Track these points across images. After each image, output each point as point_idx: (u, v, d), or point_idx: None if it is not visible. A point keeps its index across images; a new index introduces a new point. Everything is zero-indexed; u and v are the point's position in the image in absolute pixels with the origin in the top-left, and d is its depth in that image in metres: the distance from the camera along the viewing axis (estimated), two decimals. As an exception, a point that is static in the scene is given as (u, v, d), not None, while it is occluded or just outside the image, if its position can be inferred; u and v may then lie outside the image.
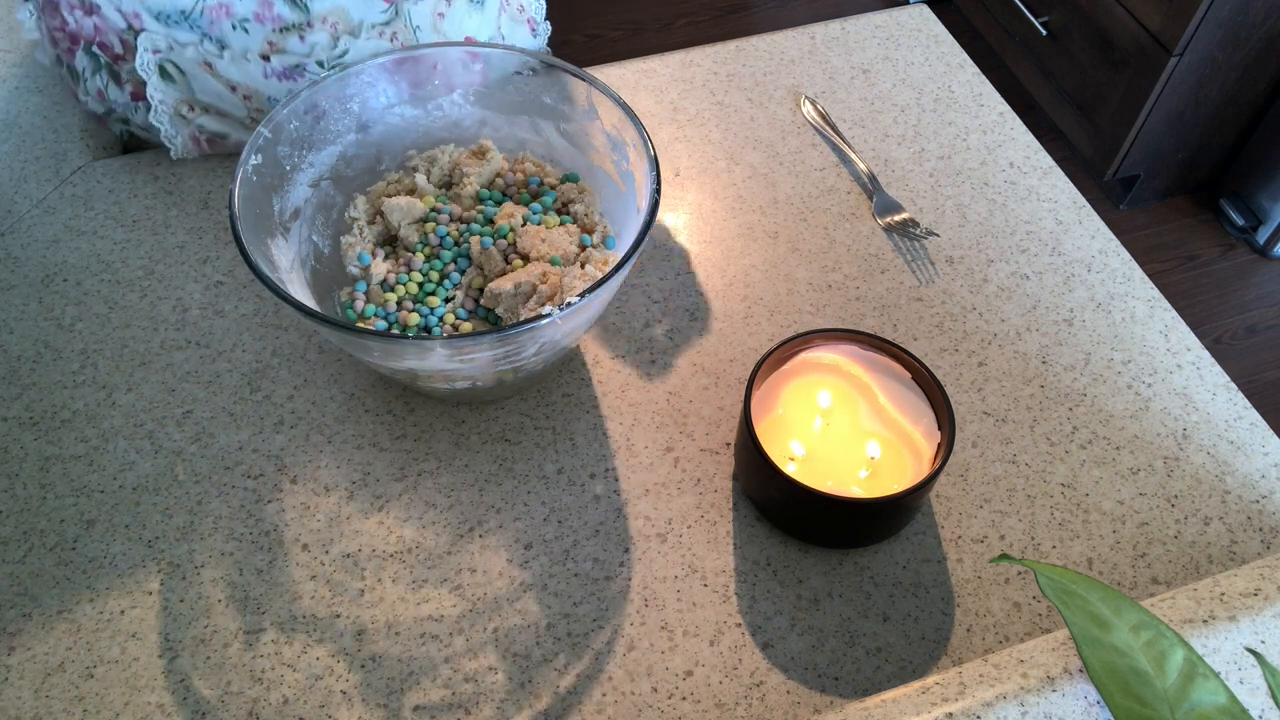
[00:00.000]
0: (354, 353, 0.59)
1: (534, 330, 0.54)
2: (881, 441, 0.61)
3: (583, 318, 0.58)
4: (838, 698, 0.56)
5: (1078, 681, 0.47)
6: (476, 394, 0.65)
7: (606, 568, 0.60)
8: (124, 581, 0.60)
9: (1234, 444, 0.66)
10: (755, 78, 0.90)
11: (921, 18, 0.95)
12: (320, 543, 0.61)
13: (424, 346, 0.55)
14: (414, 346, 0.55)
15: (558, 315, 0.54)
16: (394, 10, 0.75)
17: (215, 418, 0.67)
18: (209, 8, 0.71)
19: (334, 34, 0.74)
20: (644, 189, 0.61)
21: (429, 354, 0.55)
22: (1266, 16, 1.60)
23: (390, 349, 0.56)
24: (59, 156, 0.82)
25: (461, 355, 0.56)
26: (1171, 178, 1.90)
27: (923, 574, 0.60)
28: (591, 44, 2.26)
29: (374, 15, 0.74)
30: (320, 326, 0.54)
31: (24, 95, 0.86)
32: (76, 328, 0.71)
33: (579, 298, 0.54)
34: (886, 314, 0.73)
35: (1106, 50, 1.75)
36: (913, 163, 0.83)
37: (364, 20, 0.74)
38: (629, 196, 0.65)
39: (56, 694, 0.56)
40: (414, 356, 0.56)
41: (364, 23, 0.75)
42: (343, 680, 0.56)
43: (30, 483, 0.64)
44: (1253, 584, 0.51)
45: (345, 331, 0.54)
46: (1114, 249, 0.77)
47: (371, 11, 0.74)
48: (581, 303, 0.54)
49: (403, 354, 0.56)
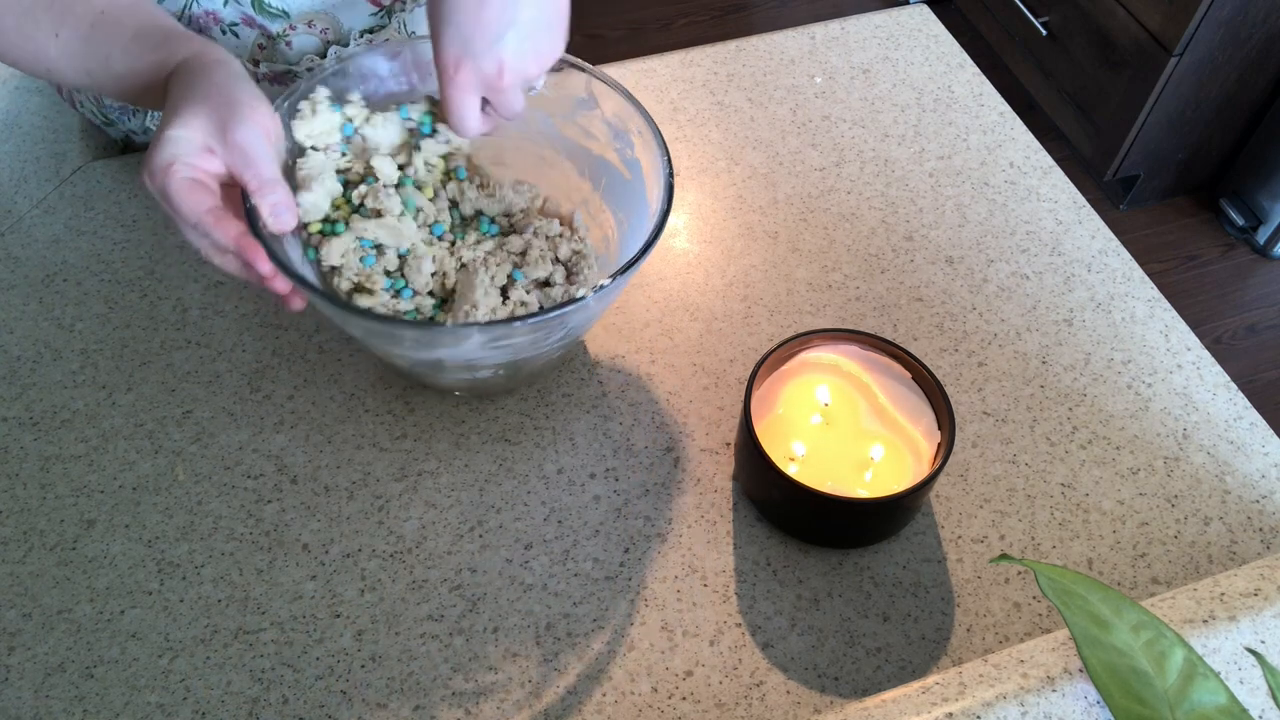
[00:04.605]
0: (380, 344, 0.58)
1: (564, 315, 0.54)
2: (882, 441, 0.61)
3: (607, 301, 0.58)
4: (838, 698, 0.56)
5: (1078, 681, 0.47)
6: (489, 385, 0.65)
7: (606, 568, 0.60)
8: (124, 581, 0.60)
9: (1234, 444, 0.66)
10: (755, 78, 0.90)
11: (921, 18, 0.95)
12: (320, 543, 0.61)
13: (460, 334, 0.54)
14: (450, 334, 0.55)
15: (592, 298, 0.54)
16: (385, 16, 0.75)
17: (215, 418, 0.67)
18: (196, 15, 0.70)
19: (323, 39, 0.74)
20: (652, 172, 0.62)
21: (465, 341, 0.55)
22: (1266, 16, 1.60)
23: (424, 338, 0.55)
24: (59, 156, 0.82)
25: (497, 342, 0.56)
26: (1171, 178, 1.90)
27: (923, 574, 0.60)
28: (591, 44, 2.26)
29: (362, 20, 0.74)
30: (352, 317, 0.54)
31: (24, 95, 0.86)
32: (76, 328, 0.71)
33: (610, 279, 0.54)
34: (886, 314, 0.73)
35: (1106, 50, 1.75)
36: (913, 163, 0.83)
37: (352, 27, 0.74)
38: (635, 184, 0.65)
39: (56, 694, 0.56)
40: (449, 344, 0.55)
41: (352, 29, 0.74)
42: (343, 680, 0.56)
43: (30, 483, 0.64)
44: (1253, 584, 0.51)
45: (380, 322, 0.53)
46: (1114, 249, 0.77)
47: (359, 17, 0.74)
48: (613, 285, 0.54)
49: (437, 343, 0.56)
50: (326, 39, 0.74)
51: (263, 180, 0.53)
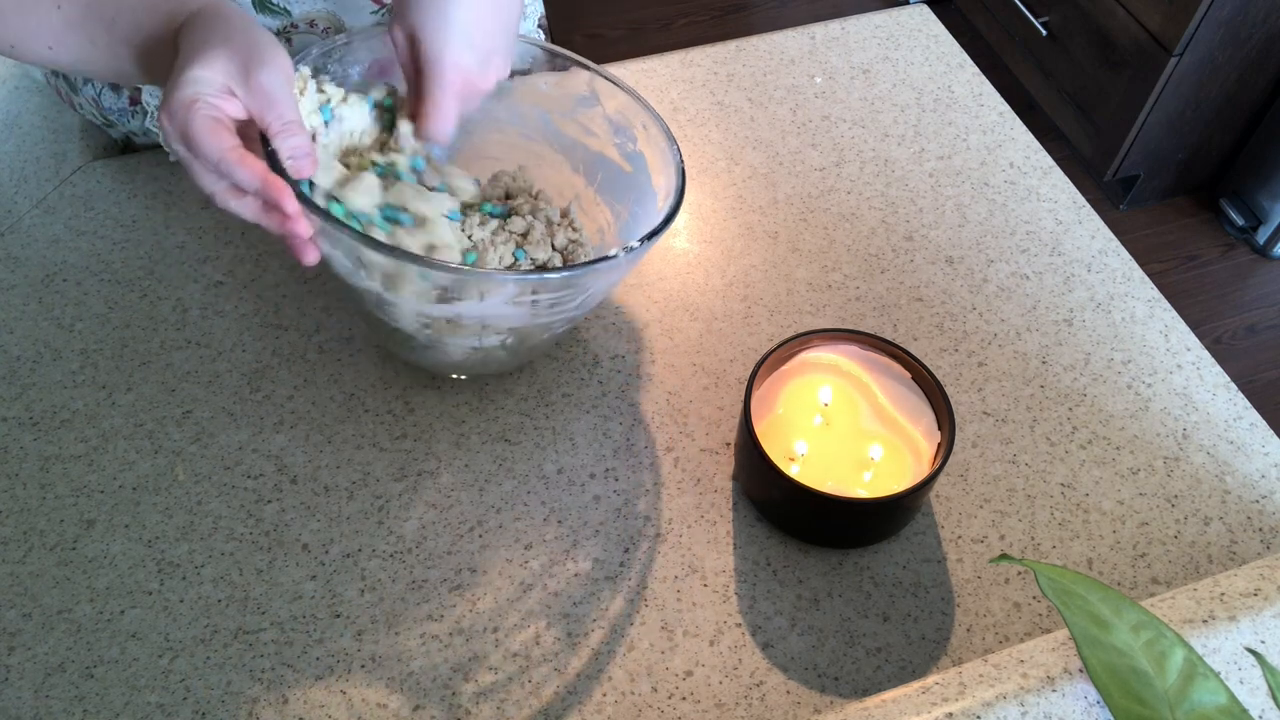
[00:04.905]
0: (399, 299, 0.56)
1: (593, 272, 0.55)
2: (882, 441, 0.61)
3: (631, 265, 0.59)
4: (838, 698, 0.56)
5: (1078, 681, 0.47)
6: (491, 361, 0.65)
7: (606, 568, 0.60)
8: (124, 581, 0.60)
9: (1234, 444, 0.66)
10: (755, 78, 0.90)
11: (921, 18, 0.95)
12: (320, 543, 0.61)
13: (495, 280, 0.54)
14: (484, 279, 0.55)
15: (624, 257, 0.55)
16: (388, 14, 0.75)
17: (215, 418, 0.67)
18: None
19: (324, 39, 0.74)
20: (659, 161, 0.63)
21: (500, 289, 0.54)
22: (1266, 16, 1.60)
23: (458, 280, 0.54)
24: (59, 156, 0.82)
25: (525, 295, 0.56)
26: (1171, 178, 1.89)
27: (923, 574, 0.60)
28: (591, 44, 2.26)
29: (364, 20, 0.74)
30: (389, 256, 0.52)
31: (24, 95, 0.86)
32: (76, 328, 0.71)
33: (639, 242, 0.56)
34: (886, 314, 0.73)
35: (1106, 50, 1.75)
36: (913, 163, 0.83)
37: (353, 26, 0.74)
38: (637, 176, 0.65)
39: (56, 694, 0.56)
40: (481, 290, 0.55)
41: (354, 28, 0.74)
42: (343, 680, 0.56)
43: (30, 483, 0.64)
44: (1253, 584, 0.51)
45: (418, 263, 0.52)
46: (1114, 249, 0.77)
47: (362, 16, 0.74)
48: (640, 248, 0.56)
49: (469, 288, 0.55)
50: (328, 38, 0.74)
51: (285, 122, 0.53)
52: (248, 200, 0.53)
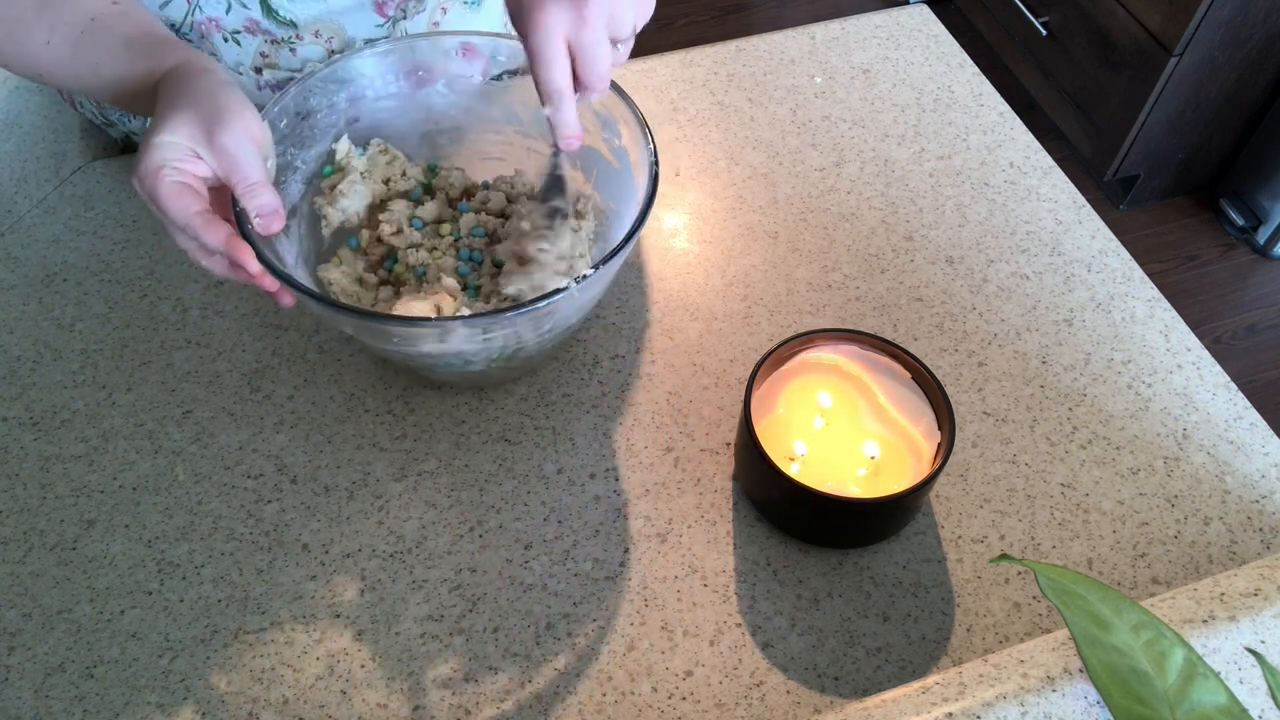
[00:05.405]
0: (372, 341, 0.59)
1: (551, 306, 0.54)
2: (881, 441, 0.61)
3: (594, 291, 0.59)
4: (838, 698, 0.56)
5: (1078, 681, 0.47)
6: (487, 378, 0.65)
7: (606, 568, 0.60)
8: (124, 581, 0.60)
9: (1234, 444, 0.66)
10: (755, 78, 0.90)
11: (921, 18, 0.95)
12: (320, 543, 0.61)
13: (445, 327, 0.55)
14: (435, 327, 0.55)
15: (575, 288, 0.54)
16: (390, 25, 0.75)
17: (215, 418, 0.67)
18: (198, 22, 0.70)
19: (328, 49, 0.74)
20: (640, 161, 0.62)
21: (450, 335, 0.55)
22: (1266, 16, 1.60)
23: (409, 333, 0.56)
24: (59, 156, 0.82)
25: (484, 334, 0.56)
26: (1171, 178, 1.90)
27: (923, 574, 0.60)
28: (591, 44, 2.26)
29: (367, 30, 0.74)
30: (339, 316, 0.55)
31: (24, 95, 0.86)
32: (76, 328, 0.71)
33: (594, 269, 0.55)
34: (886, 314, 0.73)
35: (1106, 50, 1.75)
36: (913, 163, 0.83)
37: (356, 36, 0.74)
38: (623, 173, 0.65)
39: (56, 694, 0.56)
40: (434, 339, 0.56)
41: (356, 39, 0.74)
42: (343, 680, 0.56)
43: (30, 483, 0.64)
44: (1253, 584, 0.51)
45: (365, 318, 0.55)
46: (1114, 249, 0.77)
47: (365, 26, 0.74)
48: (596, 275, 0.55)
49: (421, 338, 0.56)
50: (331, 48, 0.74)
51: (249, 183, 0.54)
52: (216, 258, 0.55)
